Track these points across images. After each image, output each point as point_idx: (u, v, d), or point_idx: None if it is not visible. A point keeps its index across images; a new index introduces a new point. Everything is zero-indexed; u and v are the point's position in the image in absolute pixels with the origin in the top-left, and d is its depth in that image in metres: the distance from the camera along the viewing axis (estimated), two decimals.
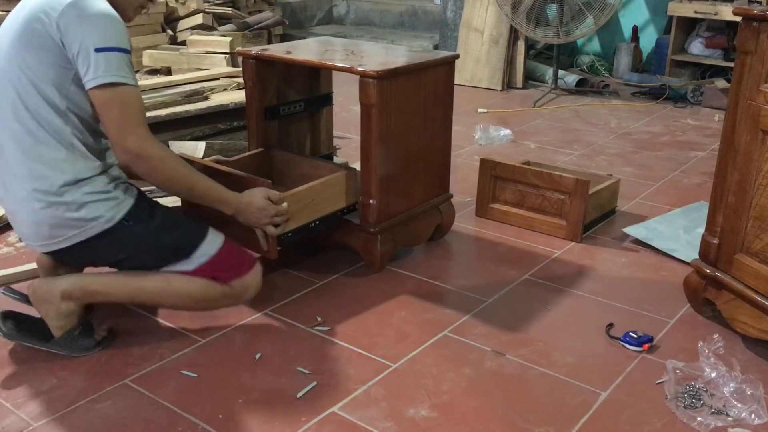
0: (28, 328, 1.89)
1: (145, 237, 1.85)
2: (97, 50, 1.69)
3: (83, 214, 1.78)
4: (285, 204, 2.04)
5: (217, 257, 1.90)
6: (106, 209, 1.80)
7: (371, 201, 2.27)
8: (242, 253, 1.98)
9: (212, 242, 1.90)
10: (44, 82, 1.74)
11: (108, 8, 1.73)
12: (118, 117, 1.72)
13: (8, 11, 4.43)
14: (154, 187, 2.24)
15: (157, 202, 1.95)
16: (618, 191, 2.89)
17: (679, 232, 2.65)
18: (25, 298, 1.97)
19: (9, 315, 1.89)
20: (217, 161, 2.32)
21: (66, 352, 1.88)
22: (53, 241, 1.82)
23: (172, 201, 2.41)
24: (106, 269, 2.00)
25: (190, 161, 2.09)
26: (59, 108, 1.76)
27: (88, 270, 2.06)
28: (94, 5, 1.71)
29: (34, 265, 2.31)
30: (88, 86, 1.71)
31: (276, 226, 2.03)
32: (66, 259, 1.94)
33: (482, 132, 3.80)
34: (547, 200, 2.65)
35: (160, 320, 2.06)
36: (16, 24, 1.75)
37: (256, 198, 1.98)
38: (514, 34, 4.99)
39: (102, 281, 1.91)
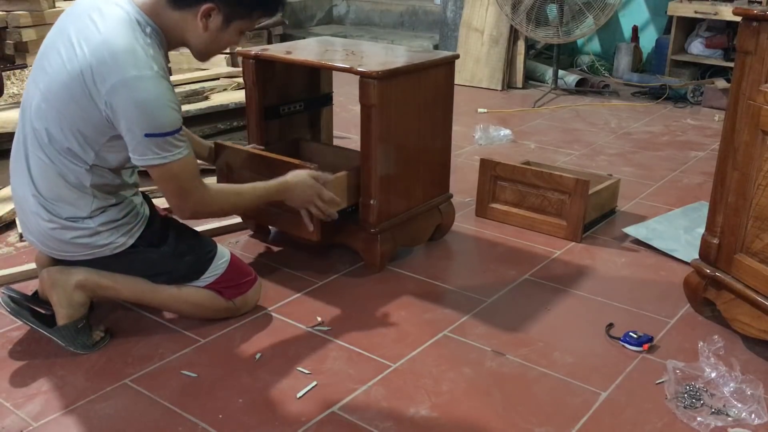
0: (32, 310, 1.92)
1: (155, 262, 1.92)
2: (147, 135, 1.67)
3: (94, 241, 1.84)
4: (330, 177, 2.10)
5: (224, 276, 2.00)
6: (118, 236, 1.86)
7: (371, 201, 2.27)
8: (245, 271, 2.07)
9: (220, 263, 2.00)
10: (77, 134, 1.73)
11: (158, 89, 1.66)
12: (173, 189, 1.78)
13: (8, 11, 4.45)
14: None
15: (169, 223, 1.99)
16: (618, 191, 2.89)
17: (679, 232, 2.65)
18: (24, 298, 1.97)
19: (14, 294, 1.93)
20: (254, 148, 2.36)
21: (65, 343, 1.88)
22: (60, 253, 1.87)
23: None
24: None
25: (237, 149, 2.19)
26: (86, 162, 1.77)
27: None
28: (146, 88, 1.64)
29: (34, 265, 2.31)
30: (139, 163, 1.73)
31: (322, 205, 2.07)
32: (74, 265, 1.93)
33: (482, 132, 3.80)
34: (547, 200, 2.65)
35: (160, 320, 2.06)
36: (65, 67, 1.69)
37: (303, 177, 2.02)
38: (514, 34, 4.99)
39: (116, 278, 1.93)
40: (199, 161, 2.05)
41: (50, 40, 1.80)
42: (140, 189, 2.02)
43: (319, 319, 2.08)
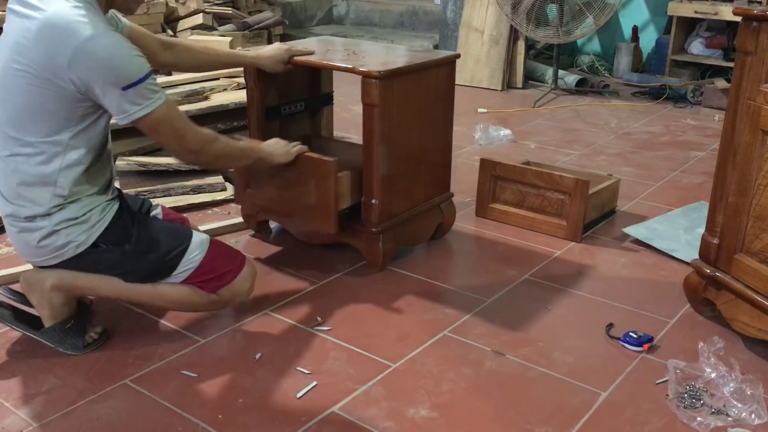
0: (20, 315, 1.93)
1: (120, 261, 1.87)
2: (124, 89, 1.67)
3: (53, 241, 1.80)
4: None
5: (199, 270, 1.92)
6: (77, 234, 1.81)
7: (373, 201, 2.27)
8: (228, 261, 1.97)
9: (192, 257, 1.91)
10: (43, 121, 1.71)
11: (114, 41, 1.66)
12: (170, 133, 1.79)
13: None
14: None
15: (137, 221, 1.91)
16: (618, 191, 2.89)
17: (679, 232, 2.65)
18: (23, 299, 1.97)
19: (2, 303, 1.94)
20: None
21: (54, 344, 1.88)
22: (34, 259, 1.87)
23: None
24: None
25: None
26: (58, 144, 1.74)
27: None
28: (102, 45, 1.64)
29: None
30: (126, 120, 1.73)
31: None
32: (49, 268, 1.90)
33: (482, 132, 3.80)
34: (547, 200, 2.65)
35: (160, 320, 2.06)
36: (14, 62, 1.68)
37: (272, 141, 2.18)
38: (514, 34, 4.99)
39: (90, 278, 1.90)
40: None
41: None
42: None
43: (319, 319, 2.08)
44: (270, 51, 2.34)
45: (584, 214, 2.59)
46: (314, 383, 1.78)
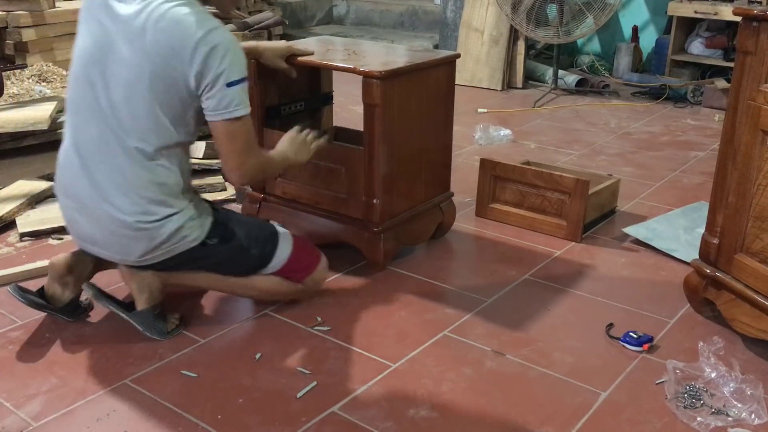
0: (110, 296, 2.00)
1: (225, 258, 1.98)
2: (229, 84, 1.76)
3: (174, 240, 1.87)
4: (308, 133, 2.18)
5: (289, 262, 2.04)
6: (192, 230, 1.89)
7: (374, 200, 2.27)
8: (310, 251, 2.12)
9: (284, 249, 2.04)
10: (168, 112, 1.80)
11: (231, 36, 1.78)
12: (241, 147, 1.84)
13: (8, 11, 4.45)
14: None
15: (230, 217, 2.03)
16: (618, 191, 2.89)
17: (679, 232, 2.65)
18: (28, 300, 1.97)
19: (91, 283, 2.00)
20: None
21: (143, 327, 1.94)
22: (137, 260, 1.90)
23: None
24: None
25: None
26: (177, 139, 1.84)
27: None
28: (222, 36, 1.75)
29: (34, 265, 2.32)
30: (217, 118, 1.79)
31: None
32: (145, 269, 1.96)
33: (482, 132, 3.80)
34: (547, 200, 2.65)
35: None
36: (144, 49, 1.75)
37: (286, 138, 2.13)
38: (514, 34, 4.99)
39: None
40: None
41: (97, 42, 1.80)
42: None
43: (319, 319, 2.08)
44: (270, 44, 2.38)
45: (584, 214, 2.59)
46: (314, 383, 1.79)
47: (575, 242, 2.60)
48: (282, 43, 2.38)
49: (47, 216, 2.68)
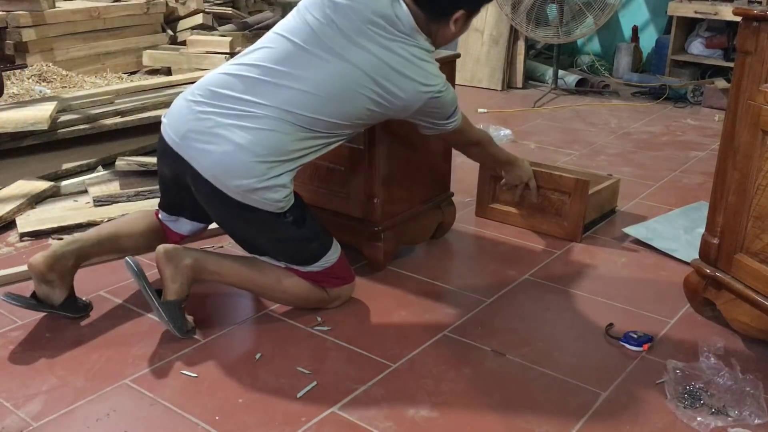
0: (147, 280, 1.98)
1: (290, 239, 2.01)
2: (447, 119, 2.10)
3: (271, 193, 1.91)
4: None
5: (330, 269, 2.07)
6: (283, 196, 1.93)
7: (375, 200, 2.27)
8: (348, 267, 2.16)
9: (332, 256, 2.07)
10: (340, 106, 1.93)
11: (452, 91, 2.08)
12: (463, 139, 2.29)
13: (8, 11, 4.45)
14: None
15: (305, 205, 2.07)
16: (618, 191, 2.89)
17: (679, 232, 2.65)
18: (26, 303, 1.97)
19: (135, 261, 1.97)
20: None
21: (168, 318, 1.92)
22: (229, 189, 1.90)
23: None
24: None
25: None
26: (327, 120, 1.94)
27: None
28: (447, 97, 2.05)
29: None
30: (436, 132, 2.14)
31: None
32: (210, 215, 2.07)
33: None
34: (547, 200, 2.65)
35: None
36: (367, 56, 1.91)
37: (527, 165, 2.61)
38: (514, 34, 4.99)
39: (222, 264, 2.02)
40: None
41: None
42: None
43: (319, 319, 2.08)
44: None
45: (584, 214, 2.59)
46: (314, 383, 1.79)
47: (575, 242, 2.60)
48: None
49: (47, 216, 2.68)
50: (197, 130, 1.91)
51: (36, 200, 2.82)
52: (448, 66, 2.41)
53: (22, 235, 2.57)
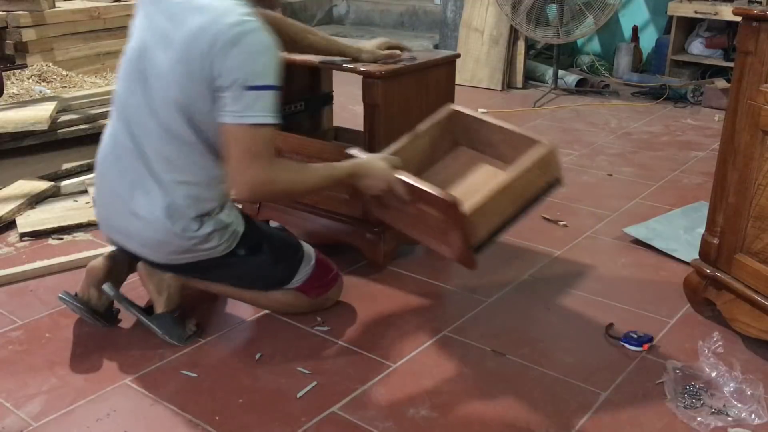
0: (129, 301, 1.98)
1: (252, 270, 1.97)
2: (252, 88, 1.64)
3: (206, 245, 1.84)
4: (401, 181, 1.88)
5: (310, 279, 2.04)
6: (225, 239, 1.87)
7: None
8: (329, 269, 2.10)
9: (305, 269, 2.02)
10: (197, 111, 1.73)
11: (269, 39, 1.67)
12: (242, 152, 1.67)
13: (8, 11, 4.45)
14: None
15: (260, 229, 2.01)
16: (554, 161, 1.98)
17: (679, 232, 2.65)
18: (78, 307, 1.97)
19: (112, 286, 1.97)
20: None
21: (162, 331, 1.92)
22: (168, 259, 1.87)
23: None
24: None
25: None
26: (207, 139, 1.76)
27: None
28: (258, 39, 1.65)
29: (34, 265, 2.32)
30: (229, 120, 1.66)
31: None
32: (169, 271, 1.94)
33: None
34: (425, 215, 1.89)
35: None
36: (177, 43, 1.69)
37: (378, 162, 1.91)
38: (514, 34, 4.99)
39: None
40: None
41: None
42: None
43: (319, 319, 2.08)
44: (370, 45, 2.26)
45: (467, 238, 1.81)
46: (314, 383, 1.78)
47: (472, 268, 1.96)
48: (380, 43, 2.28)
49: (47, 216, 2.68)
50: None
51: (36, 200, 2.82)
52: (448, 66, 2.41)
53: (22, 235, 2.57)
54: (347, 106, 4.22)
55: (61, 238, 2.56)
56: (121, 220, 1.86)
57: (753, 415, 1.65)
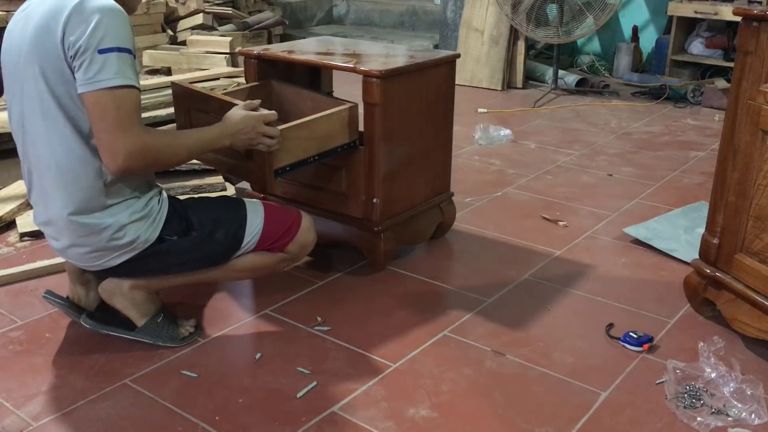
0: (112, 319, 1.95)
1: (191, 250, 1.86)
2: (101, 51, 1.57)
3: (123, 239, 1.76)
4: (269, 112, 1.89)
5: (264, 234, 1.92)
6: (144, 229, 1.78)
7: (375, 200, 2.27)
8: (286, 216, 1.97)
9: (254, 223, 1.90)
10: (64, 96, 1.65)
11: (114, 4, 1.61)
12: (112, 121, 1.60)
13: (8, 11, 4.44)
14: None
15: (187, 207, 1.89)
16: (352, 119, 2.21)
17: (679, 232, 2.65)
18: (67, 303, 1.97)
19: (93, 313, 1.96)
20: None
21: (152, 339, 1.91)
22: (96, 263, 1.81)
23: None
24: None
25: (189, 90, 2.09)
26: (84, 130, 1.68)
27: None
28: (101, 3, 1.59)
29: (34, 265, 2.32)
30: (84, 89, 1.59)
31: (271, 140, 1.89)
32: (114, 275, 1.89)
33: (482, 132, 3.80)
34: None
35: None
36: (29, 37, 1.64)
37: (236, 114, 1.85)
38: (514, 34, 4.99)
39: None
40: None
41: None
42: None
43: (319, 319, 2.08)
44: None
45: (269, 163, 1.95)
46: (314, 383, 1.79)
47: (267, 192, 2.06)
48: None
49: None
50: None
51: None
52: (448, 66, 2.41)
53: (22, 235, 2.57)
54: None
55: None
56: (48, 232, 1.82)
57: (753, 415, 1.65)
